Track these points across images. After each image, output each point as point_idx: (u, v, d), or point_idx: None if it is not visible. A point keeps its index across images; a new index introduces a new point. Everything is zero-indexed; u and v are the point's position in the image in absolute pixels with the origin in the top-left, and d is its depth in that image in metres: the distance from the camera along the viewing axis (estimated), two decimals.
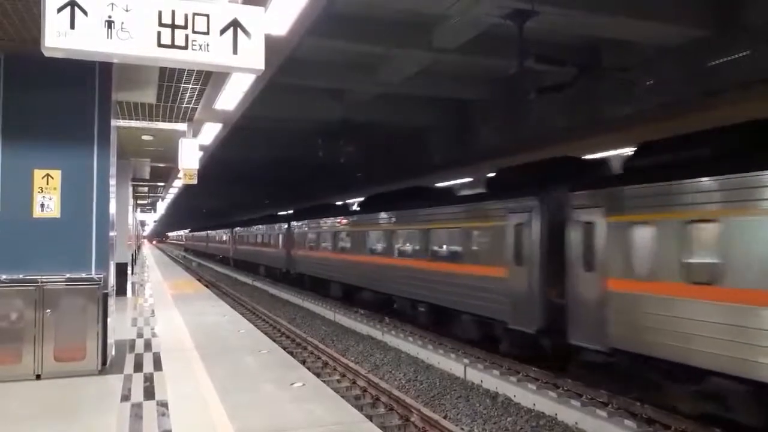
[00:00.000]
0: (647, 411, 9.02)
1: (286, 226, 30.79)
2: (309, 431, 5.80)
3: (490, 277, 12.66)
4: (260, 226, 37.98)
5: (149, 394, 6.96)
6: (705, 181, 8.31)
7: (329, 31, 13.59)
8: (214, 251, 61.53)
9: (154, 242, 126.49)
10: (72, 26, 4.69)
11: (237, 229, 47.31)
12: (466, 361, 12.39)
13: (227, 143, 18.11)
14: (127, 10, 4.82)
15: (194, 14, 5.01)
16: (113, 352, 8.73)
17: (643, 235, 9.12)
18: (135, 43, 4.86)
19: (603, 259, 9.81)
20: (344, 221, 22.39)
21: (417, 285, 16.03)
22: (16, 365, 7.34)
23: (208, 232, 67.05)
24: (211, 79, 9.27)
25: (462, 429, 8.84)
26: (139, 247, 48.92)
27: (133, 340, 10.26)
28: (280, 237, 31.96)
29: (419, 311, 16.21)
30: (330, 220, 24.14)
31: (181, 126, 12.25)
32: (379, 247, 18.91)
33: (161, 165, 18.60)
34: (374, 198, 21.56)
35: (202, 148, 15.24)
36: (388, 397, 10.09)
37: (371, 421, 6.84)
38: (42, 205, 7.73)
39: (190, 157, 12.27)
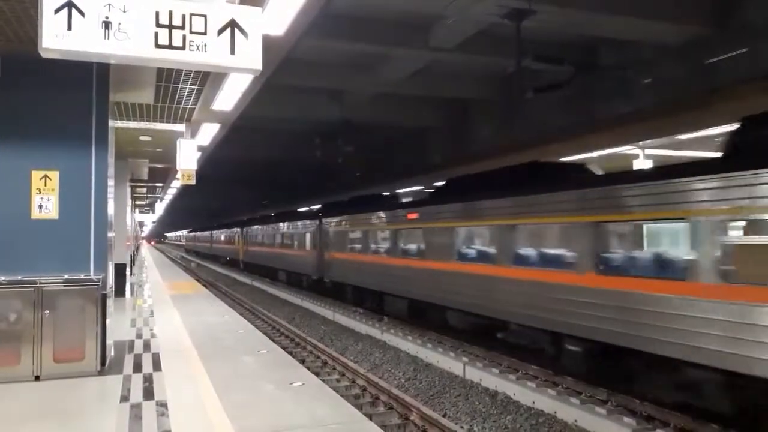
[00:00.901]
0: (646, 408, 9.03)
1: (316, 223, 24.98)
2: (309, 431, 5.80)
3: None
4: (280, 225, 31.77)
5: (148, 394, 6.97)
6: None
7: (327, 31, 13.61)
8: (220, 253, 55.60)
9: (152, 243, 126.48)
10: (69, 27, 4.70)
11: (248, 228, 41.30)
12: (465, 359, 12.39)
13: (225, 144, 18.12)
14: (124, 11, 4.83)
15: (191, 15, 5.02)
16: (112, 353, 8.75)
17: None
18: (132, 43, 4.87)
19: None
20: (416, 215, 16.03)
21: (582, 314, 9.92)
22: (15, 366, 7.35)
23: (213, 231, 61.13)
24: (208, 79, 9.28)
25: (462, 427, 8.83)
26: (137, 248, 48.88)
27: (132, 341, 10.27)
28: (308, 237, 26.06)
29: (572, 351, 10.41)
30: (388, 215, 17.91)
31: (179, 127, 12.25)
32: (494, 250, 12.64)
33: (159, 166, 18.62)
34: (468, 180, 14.62)
35: (200, 148, 15.24)
36: (388, 396, 10.09)
37: (371, 419, 6.86)
38: (40, 206, 7.73)
39: (188, 158, 12.29)
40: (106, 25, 4.80)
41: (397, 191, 25.35)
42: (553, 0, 12.50)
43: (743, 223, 7.97)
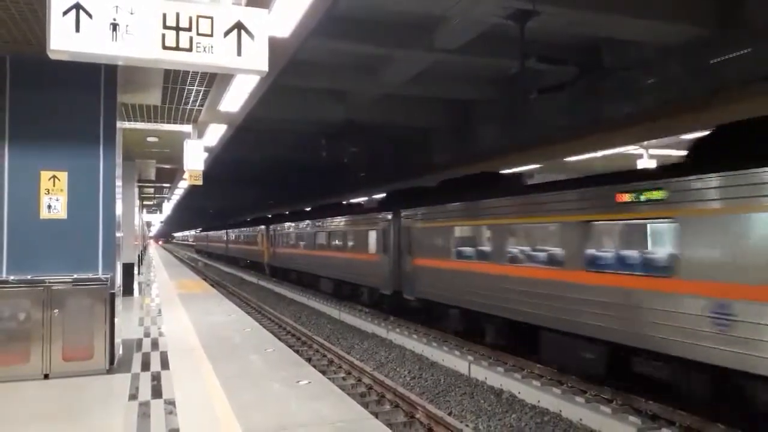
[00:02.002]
0: (651, 407, 9.05)
1: (387, 217, 18.19)
2: (315, 429, 5.85)
3: None
4: (326, 221, 24.65)
5: (157, 392, 7.03)
6: None
7: (332, 32, 13.71)
8: (239, 255, 48.13)
9: (160, 242, 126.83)
10: (77, 29, 4.77)
11: (277, 226, 34.06)
12: (470, 358, 12.43)
13: (232, 144, 18.21)
14: (131, 13, 4.90)
15: (198, 17, 5.08)
16: (121, 352, 8.82)
17: None
18: (140, 45, 4.93)
19: None
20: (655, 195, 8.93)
21: None
22: (25, 365, 7.42)
23: (228, 230, 54.24)
24: (215, 80, 9.35)
25: (467, 425, 8.88)
26: (145, 248, 48.89)
27: (141, 340, 10.34)
28: (375, 236, 19.06)
29: None
30: (564, 198, 10.81)
31: (186, 127, 12.33)
32: None
33: (167, 166, 18.70)
34: None
35: (207, 149, 15.32)
36: (393, 394, 10.15)
37: (377, 418, 6.90)
38: (49, 206, 7.80)
39: (195, 159, 12.35)
40: (114, 26, 4.87)
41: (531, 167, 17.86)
42: (557, 1, 12.53)
43: None
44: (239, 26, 5.18)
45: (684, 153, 9.12)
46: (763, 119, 8.27)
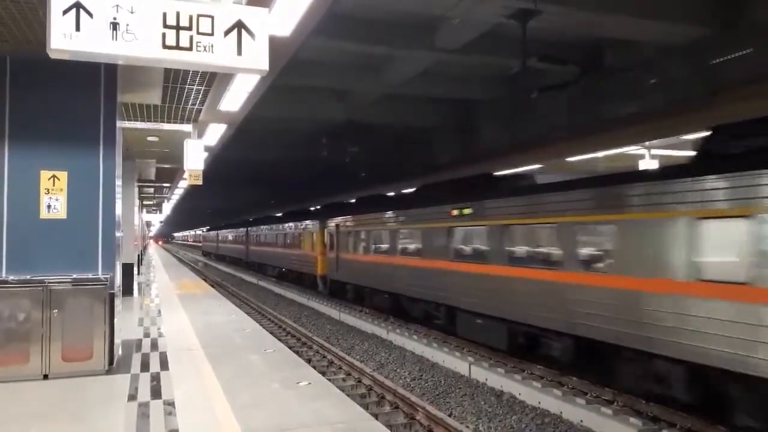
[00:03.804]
0: (652, 409, 9.03)
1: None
2: (315, 429, 5.82)
3: None
4: (502, 207, 12.62)
5: (156, 393, 7.01)
6: None
7: (333, 31, 13.65)
8: (269, 261, 36.12)
9: (160, 243, 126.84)
10: (77, 28, 4.75)
11: (346, 220, 22.54)
12: (470, 359, 12.41)
13: (232, 144, 18.17)
14: (132, 12, 4.88)
15: (198, 16, 5.06)
16: (120, 352, 8.80)
17: None
18: (140, 44, 4.91)
19: None
20: None
21: None
22: (24, 365, 7.40)
23: (250, 228, 42.60)
24: (215, 80, 9.32)
25: (467, 427, 8.85)
26: (145, 248, 48.83)
27: (140, 340, 10.32)
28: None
29: None
30: None
31: (186, 127, 12.29)
32: None
33: (167, 166, 18.66)
34: None
35: (207, 149, 15.29)
36: (394, 396, 10.12)
37: (377, 419, 6.87)
38: (48, 206, 7.78)
39: (195, 158, 12.31)
40: (114, 26, 4.84)
41: None
42: (558, 1, 12.49)
43: None
44: (240, 25, 5.16)
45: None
46: None
